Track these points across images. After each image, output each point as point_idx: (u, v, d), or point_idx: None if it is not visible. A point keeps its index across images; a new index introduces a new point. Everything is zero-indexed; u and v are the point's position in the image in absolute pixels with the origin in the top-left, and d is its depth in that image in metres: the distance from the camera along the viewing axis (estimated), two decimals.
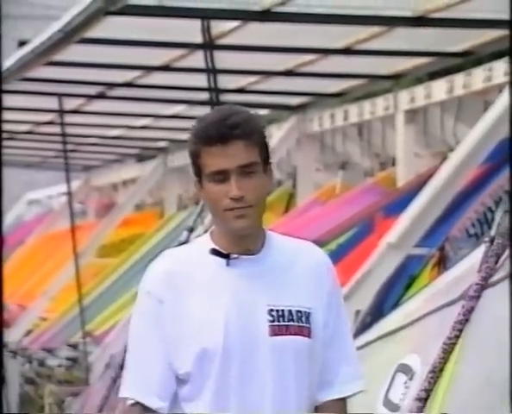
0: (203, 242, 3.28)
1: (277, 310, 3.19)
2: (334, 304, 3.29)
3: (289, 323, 3.19)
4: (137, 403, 3.23)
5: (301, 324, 3.20)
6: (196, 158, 3.21)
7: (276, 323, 3.18)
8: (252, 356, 3.16)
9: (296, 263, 3.27)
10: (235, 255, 3.21)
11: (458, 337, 4.49)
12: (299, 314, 3.20)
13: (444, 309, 4.68)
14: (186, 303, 3.19)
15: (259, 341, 3.17)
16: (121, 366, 8.14)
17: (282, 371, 3.18)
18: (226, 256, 3.22)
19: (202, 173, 3.21)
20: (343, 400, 3.30)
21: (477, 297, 4.53)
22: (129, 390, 3.26)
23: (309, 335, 3.20)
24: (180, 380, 3.20)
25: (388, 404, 4.60)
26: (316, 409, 3.29)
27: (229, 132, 3.17)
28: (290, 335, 3.18)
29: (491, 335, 4.46)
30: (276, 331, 3.18)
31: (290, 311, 3.20)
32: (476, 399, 3.96)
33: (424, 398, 4.48)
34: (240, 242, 3.22)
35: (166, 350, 3.20)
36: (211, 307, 3.17)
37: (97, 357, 10.18)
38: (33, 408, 13.58)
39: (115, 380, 8.07)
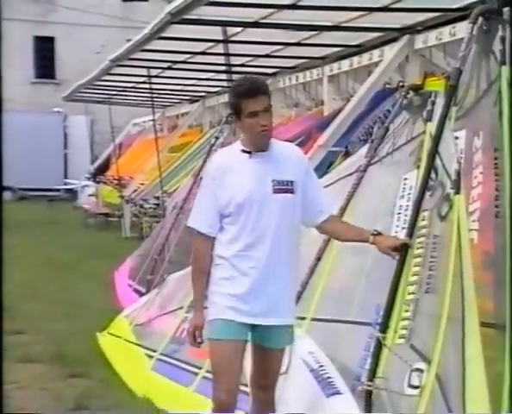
0: (237, 146, 3.23)
1: (277, 181, 3.16)
2: (309, 175, 3.28)
3: (282, 186, 3.16)
4: (196, 230, 3.21)
5: (288, 187, 3.17)
6: (238, 105, 3.13)
7: (276, 187, 3.15)
8: (263, 205, 3.14)
9: (284, 154, 3.22)
10: (255, 152, 3.17)
11: (354, 191, 4.43)
12: (287, 182, 3.17)
13: (347, 177, 4.59)
14: (228, 178, 3.14)
15: (267, 196, 3.14)
16: (181, 208, 8.13)
17: (280, 212, 3.16)
18: (249, 153, 3.17)
19: (241, 113, 3.13)
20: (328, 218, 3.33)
21: (364, 171, 4.45)
22: (192, 221, 3.24)
23: (292, 193, 3.17)
24: (226, 216, 3.15)
25: None
26: (318, 227, 3.33)
27: (259, 89, 3.13)
28: (283, 193, 3.16)
29: (370, 190, 4.38)
30: (276, 191, 3.15)
31: (282, 181, 3.16)
32: (364, 219, 3.89)
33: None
34: (259, 146, 3.17)
35: (216, 203, 3.15)
36: (242, 179, 3.14)
37: (169, 203, 10.17)
38: (137, 229, 13.63)
39: (178, 215, 8.06)
